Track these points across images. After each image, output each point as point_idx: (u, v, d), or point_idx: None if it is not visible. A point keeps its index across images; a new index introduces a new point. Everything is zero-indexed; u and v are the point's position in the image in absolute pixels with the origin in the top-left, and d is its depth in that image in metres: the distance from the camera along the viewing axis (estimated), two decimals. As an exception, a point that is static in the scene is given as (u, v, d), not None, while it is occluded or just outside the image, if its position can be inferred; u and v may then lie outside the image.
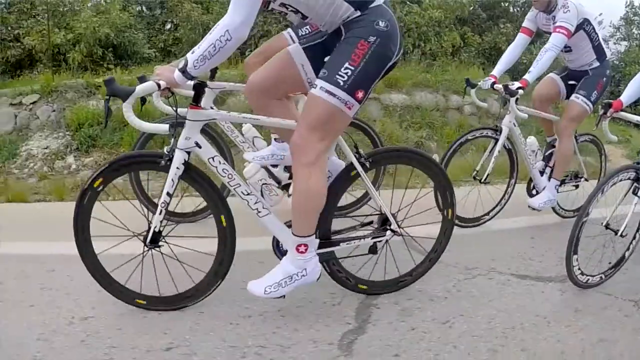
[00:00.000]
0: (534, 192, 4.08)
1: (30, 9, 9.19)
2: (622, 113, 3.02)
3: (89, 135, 5.55)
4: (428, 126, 6.83)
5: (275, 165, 3.54)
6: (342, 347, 2.15)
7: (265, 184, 2.29)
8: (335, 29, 2.21)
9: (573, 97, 3.91)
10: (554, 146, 4.10)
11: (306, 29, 3.21)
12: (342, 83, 2.07)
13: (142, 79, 2.83)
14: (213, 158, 2.22)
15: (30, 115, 5.87)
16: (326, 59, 2.19)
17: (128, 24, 8.85)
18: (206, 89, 3.38)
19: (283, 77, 2.34)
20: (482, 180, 3.72)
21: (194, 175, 2.25)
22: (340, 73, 2.08)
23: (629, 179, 2.85)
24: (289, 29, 3.48)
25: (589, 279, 2.85)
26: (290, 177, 3.36)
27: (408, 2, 9.65)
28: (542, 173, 4.06)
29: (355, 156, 2.34)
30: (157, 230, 2.24)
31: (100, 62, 8.32)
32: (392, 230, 2.48)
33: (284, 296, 2.26)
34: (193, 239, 2.35)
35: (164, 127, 2.08)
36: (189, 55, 2.02)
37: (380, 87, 6.74)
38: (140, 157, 2.37)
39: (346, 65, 2.08)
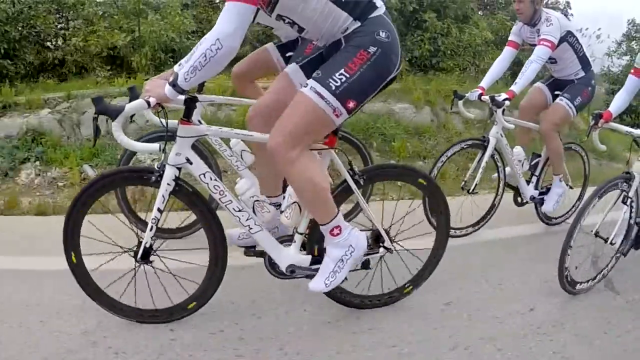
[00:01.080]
0: (519, 199, 4.12)
1: (79, 8, 8.98)
2: (612, 124, 3.08)
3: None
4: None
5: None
6: None
7: (257, 200, 2.25)
8: (334, 41, 2.16)
9: (557, 100, 3.98)
10: (539, 155, 4.15)
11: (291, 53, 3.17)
12: (333, 88, 2.02)
13: (132, 90, 2.76)
14: (204, 174, 2.18)
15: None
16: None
17: (190, 29, 8.63)
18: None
19: (285, 102, 2.24)
20: (470, 191, 3.74)
21: (185, 191, 2.21)
22: (334, 77, 2.03)
23: (618, 188, 2.90)
24: (271, 43, 3.46)
25: (578, 285, 2.89)
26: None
27: (460, 24, 10.33)
28: (528, 182, 4.11)
29: (349, 173, 2.32)
30: (148, 246, 2.19)
31: (161, 68, 8.00)
32: (385, 247, 2.47)
33: (347, 278, 2.28)
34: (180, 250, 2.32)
35: (154, 147, 2.04)
36: (177, 68, 1.96)
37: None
38: (130, 172, 2.32)
39: (341, 71, 2.03)
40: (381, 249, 2.48)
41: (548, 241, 3.83)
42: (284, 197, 2.30)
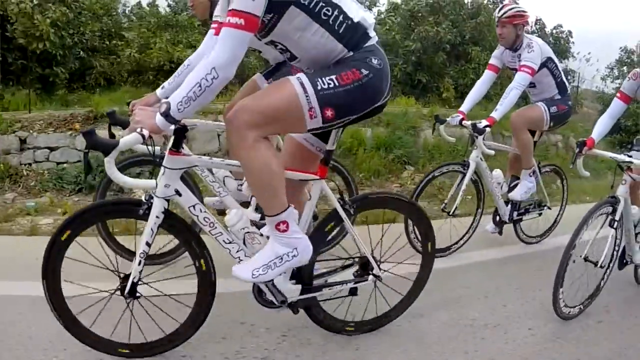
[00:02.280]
0: (499, 222, 4.20)
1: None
2: (595, 150, 3.15)
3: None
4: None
5: (247, 203, 3.50)
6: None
7: (248, 232, 2.22)
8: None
9: (535, 102, 4.10)
10: (517, 178, 4.24)
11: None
12: (319, 87, 1.98)
13: (112, 116, 2.71)
14: (194, 206, 2.14)
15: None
16: None
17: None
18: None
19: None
20: (451, 213, 3.80)
21: (174, 223, 2.17)
22: (323, 79, 1.99)
23: (605, 213, 2.99)
24: (258, 74, 3.43)
25: (570, 311, 2.96)
26: (262, 218, 3.32)
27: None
28: (507, 203, 4.19)
29: (339, 202, 2.32)
30: (135, 281, 2.13)
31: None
32: (375, 275, 2.47)
33: (273, 280, 2.18)
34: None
35: (150, 184, 1.99)
36: (170, 98, 1.87)
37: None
38: (116, 205, 2.27)
39: (332, 77, 2.00)
40: (370, 277, 2.48)
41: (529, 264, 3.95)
42: None
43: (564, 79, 4.13)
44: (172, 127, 1.95)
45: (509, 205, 4.19)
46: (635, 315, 3.16)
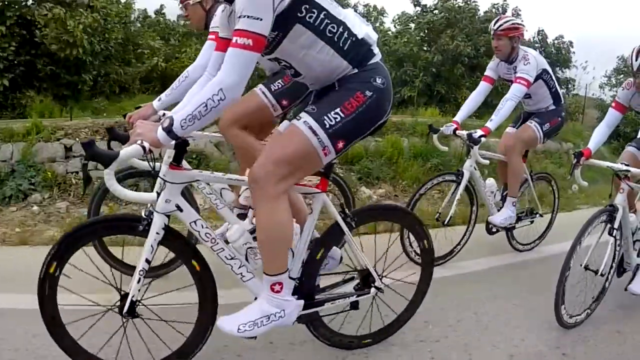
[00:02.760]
0: (493, 230, 4.22)
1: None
2: (592, 160, 3.21)
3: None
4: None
5: (244, 216, 3.46)
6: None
7: (250, 247, 2.19)
8: (327, 85, 2.13)
9: (528, 122, 4.13)
10: (509, 186, 4.26)
11: (279, 82, 3.12)
12: (327, 126, 1.99)
13: (111, 131, 2.66)
14: (195, 222, 2.10)
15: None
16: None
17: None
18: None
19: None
20: (446, 223, 3.80)
21: (175, 241, 2.13)
22: (329, 115, 2.00)
23: (603, 221, 3.02)
24: (260, 85, 3.39)
25: (576, 319, 2.98)
26: None
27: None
28: (498, 210, 4.19)
29: (341, 215, 2.30)
30: (135, 299, 2.07)
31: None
32: (377, 287, 2.45)
33: (256, 337, 2.12)
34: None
35: (151, 197, 1.95)
36: (175, 114, 1.86)
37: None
38: (114, 221, 2.21)
39: (337, 110, 2.00)
40: (372, 289, 2.46)
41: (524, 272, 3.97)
42: None
43: (559, 89, 4.17)
44: (173, 142, 1.91)
45: (502, 214, 4.20)
46: (633, 323, 3.17)
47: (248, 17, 1.79)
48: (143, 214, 2.10)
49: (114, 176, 1.81)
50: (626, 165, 3.05)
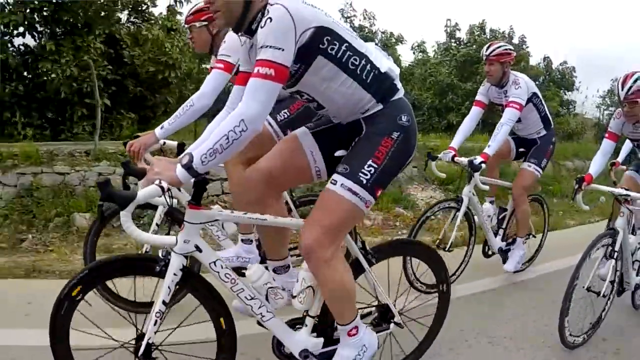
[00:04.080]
0: (489, 252, 4.27)
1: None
2: (594, 185, 3.29)
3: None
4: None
5: (249, 241, 3.37)
6: None
7: (271, 287, 2.13)
8: (352, 120, 2.12)
9: (525, 165, 4.19)
10: (505, 209, 4.34)
11: (285, 112, 3.07)
12: (364, 182, 1.99)
13: (126, 166, 2.55)
14: (215, 262, 2.02)
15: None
16: (339, 152, 2.12)
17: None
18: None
19: (290, 166, 2.20)
20: (447, 249, 3.79)
21: (193, 282, 2.05)
22: (363, 171, 1.99)
23: (605, 244, 3.08)
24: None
25: (575, 340, 3.02)
26: (262, 261, 3.20)
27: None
28: (495, 234, 4.25)
29: (361, 252, 2.26)
30: (150, 342, 1.96)
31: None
32: (396, 323, 2.41)
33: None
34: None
35: (171, 240, 1.86)
36: (194, 150, 1.80)
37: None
38: (130, 261, 2.11)
39: (369, 162, 2.00)
40: (391, 325, 2.41)
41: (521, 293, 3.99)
42: (297, 280, 2.19)
43: (548, 113, 4.25)
44: (193, 179, 1.84)
45: (497, 237, 4.27)
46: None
47: (270, 47, 1.77)
48: (160, 254, 2.02)
49: (131, 218, 1.73)
50: (626, 189, 3.12)
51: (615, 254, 3.09)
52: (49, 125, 9.21)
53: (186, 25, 3.34)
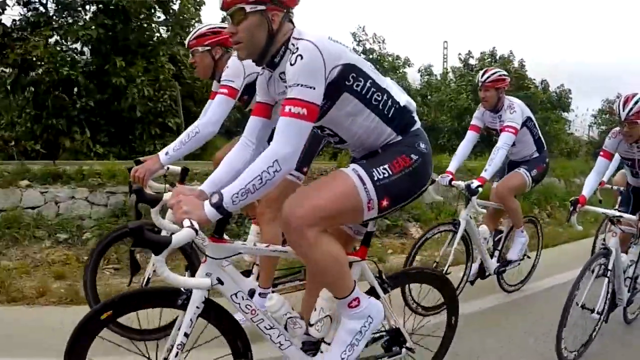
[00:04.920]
0: (486, 274, 4.34)
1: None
2: (588, 207, 3.42)
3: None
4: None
5: (249, 273, 3.41)
6: None
7: (291, 317, 2.17)
8: (371, 151, 2.15)
9: (516, 169, 4.31)
10: (501, 232, 4.46)
11: None
12: (375, 178, 1.97)
13: (139, 193, 2.59)
14: (236, 294, 2.06)
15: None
16: None
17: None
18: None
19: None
20: (445, 272, 3.86)
21: (215, 313, 2.07)
22: (377, 169, 1.99)
23: (600, 264, 3.20)
24: None
25: (567, 355, 3.11)
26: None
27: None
28: (491, 256, 4.35)
29: (377, 281, 2.32)
30: None
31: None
32: (408, 348, 2.46)
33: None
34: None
35: (206, 282, 1.86)
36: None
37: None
38: (154, 294, 2.12)
39: (385, 166, 2.00)
40: (403, 350, 2.46)
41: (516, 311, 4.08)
42: (315, 309, 2.24)
43: (541, 136, 4.40)
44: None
45: (494, 259, 4.36)
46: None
47: (301, 85, 1.80)
48: (182, 288, 2.05)
49: (165, 263, 1.72)
50: (619, 211, 3.26)
51: (609, 272, 3.21)
52: (118, 142, 9.36)
53: (189, 50, 3.34)
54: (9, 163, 6.84)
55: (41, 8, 9.14)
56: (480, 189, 3.83)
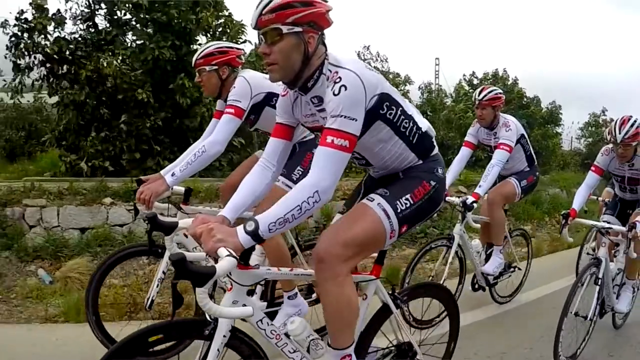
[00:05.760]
0: (476, 286, 4.47)
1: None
2: (578, 220, 3.61)
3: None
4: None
5: (252, 292, 3.41)
6: None
7: (313, 339, 2.22)
8: (392, 173, 2.23)
9: (507, 178, 4.45)
10: (491, 245, 4.54)
11: (299, 170, 3.14)
12: (399, 210, 2.06)
13: (154, 220, 2.55)
14: (262, 320, 2.08)
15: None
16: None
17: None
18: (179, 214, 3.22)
19: None
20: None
21: (241, 342, 2.09)
22: (401, 201, 2.07)
23: (591, 273, 3.36)
24: (281, 178, 3.26)
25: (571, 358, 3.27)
26: (270, 306, 3.24)
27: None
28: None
29: (391, 297, 2.39)
30: None
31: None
32: (419, 362, 2.53)
33: None
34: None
35: (249, 311, 1.84)
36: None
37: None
38: (183, 325, 2.08)
39: (407, 196, 2.09)
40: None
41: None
42: None
43: (532, 153, 4.55)
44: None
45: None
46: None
47: (345, 117, 1.82)
48: (207, 317, 2.07)
49: (207, 294, 1.71)
50: (608, 223, 3.43)
51: (600, 280, 3.37)
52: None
53: (195, 69, 3.31)
54: (89, 180, 6.88)
55: (106, 24, 9.12)
56: (475, 205, 3.96)
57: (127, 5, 8.96)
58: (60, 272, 5.00)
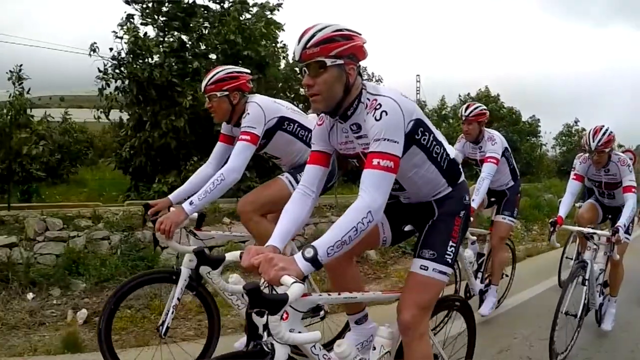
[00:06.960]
0: (468, 294, 4.70)
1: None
2: (565, 226, 3.95)
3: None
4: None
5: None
6: None
7: (361, 359, 2.36)
8: (422, 202, 2.36)
9: (500, 218, 4.71)
10: (482, 254, 4.85)
11: None
12: (450, 261, 2.25)
13: (201, 255, 2.70)
14: (315, 346, 2.12)
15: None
16: (408, 227, 2.41)
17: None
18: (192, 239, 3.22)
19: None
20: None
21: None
22: (448, 253, 2.24)
23: (579, 275, 3.67)
24: (286, 174, 3.43)
25: (560, 356, 3.54)
26: None
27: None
28: (475, 277, 4.73)
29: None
30: None
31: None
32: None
33: None
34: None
35: (317, 336, 1.86)
36: (316, 242, 1.80)
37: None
38: (245, 356, 1.97)
39: (451, 243, 2.26)
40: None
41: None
42: (374, 348, 2.36)
43: (515, 166, 4.82)
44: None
45: (478, 280, 4.74)
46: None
47: (388, 140, 1.91)
48: (265, 347, 2.03)
49: (280, 320, 1.72)
50: (592, 228, 3.78)
51: (586, 281, 3.70)
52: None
53: (205, 95, 3.27)
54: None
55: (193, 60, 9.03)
56: (471, 219, 4.20)
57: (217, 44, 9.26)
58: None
